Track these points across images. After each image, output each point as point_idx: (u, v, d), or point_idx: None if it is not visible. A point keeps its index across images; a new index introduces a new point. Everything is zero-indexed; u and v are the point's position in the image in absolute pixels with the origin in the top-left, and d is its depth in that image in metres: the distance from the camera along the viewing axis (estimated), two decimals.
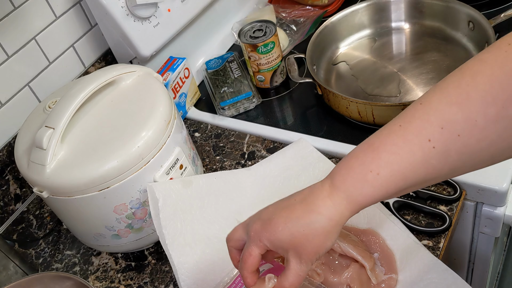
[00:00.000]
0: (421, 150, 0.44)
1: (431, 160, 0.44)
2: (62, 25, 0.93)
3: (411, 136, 0.45)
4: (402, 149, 0.45)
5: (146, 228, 0.74)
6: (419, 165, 0.45)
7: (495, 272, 1.02)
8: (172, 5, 0.95)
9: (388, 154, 0.46)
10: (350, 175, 0.48)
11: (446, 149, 0.43)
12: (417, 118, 0.45)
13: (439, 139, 0.43)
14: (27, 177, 0.70)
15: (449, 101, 0.43)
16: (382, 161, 0.46)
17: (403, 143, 0.45)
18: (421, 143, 0.44)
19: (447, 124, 0.43)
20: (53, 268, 0.82)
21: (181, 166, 0.74)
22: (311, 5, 1.14)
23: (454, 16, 0.95)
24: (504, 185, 0.73)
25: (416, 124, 0.45)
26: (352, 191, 0.47)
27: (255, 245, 0.51)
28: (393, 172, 0.46)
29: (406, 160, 0.45)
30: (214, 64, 1.06)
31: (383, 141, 0.47)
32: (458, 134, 0.43)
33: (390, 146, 0.46)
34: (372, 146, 0.47)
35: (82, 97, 0.69)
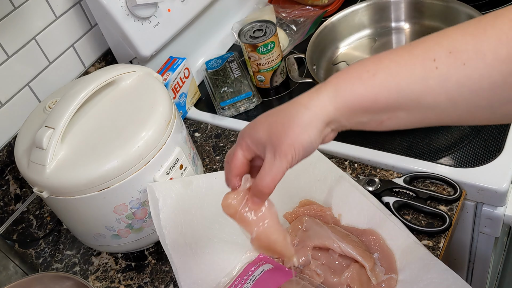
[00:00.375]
0: (423, 66, 0.43)
1: (430, 80, 0.43)
2: (62, 25, 0.93)
3: (417, 52, 0.44)
4: (404, 60, 0.44)
5: (146, 228, 0.74)
6: (417, 81, 0.44)
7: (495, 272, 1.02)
8: (172, 5, 0.95)
9: (389, 61, 0.45)
10: (346, 72, 0.47)
11: (448, 74, 0.42)
12: (428, 40, 0.44)
13: (444, 62, 0.42)
14: (27, 177, 0.70)
15: (465, 32, 0.42)
16: (382, 64, 0.45)
17: (408, 55, 0.44)
18: (425, 60, 0.43)
19: (456, 50, 0.42)
20: (53, 268, 0.82)
21: (181, 166, 0.74)
22: (311, 5, 1.14)
23: (454, 16, 0.95)
24: (504, 185, 0.73)
25: (425, 44, 0.44)
26: (342, 85, 0.46)
27: (239, 146, 0.51)
28: (388, 77, 0.45)
29: (405, 70, 0.44)
30: (214, 64, 1.06)
31: (389, 52, 0.46)
32: (463, 63, 0.42)
33: (394, 55, 0.45)
34: (378, 55, 0.46)
35: (82, 97, 0.69)
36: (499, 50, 0.40)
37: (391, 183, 0.75)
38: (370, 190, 0.75)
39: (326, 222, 0.71)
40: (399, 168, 0.79)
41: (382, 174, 0.79)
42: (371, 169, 0.80)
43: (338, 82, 0.47)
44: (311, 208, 0.72)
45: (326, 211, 0.72)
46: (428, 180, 0.76)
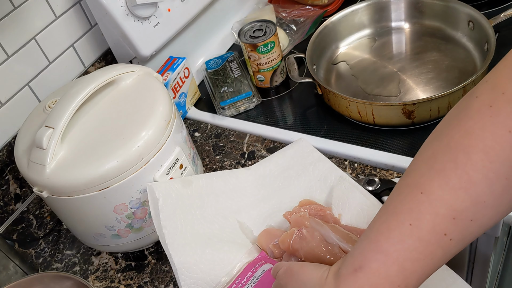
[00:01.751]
0: (440, 247, 0.42)
1: (451, 250, 0.43)
2: (62, 25, 0.93)
3: (427, 236, 0.42)
4: (423, 253, 0.43)
5: (146, 228, 0.74)
6: (440, 258, 0.43)
7: (495, 272, 1.02)
8: (172, 5, 0.95)
9: (411, 263, 0.43)
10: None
11: (463, 236, 0.42)
12: (425, 213, 0.42)
13: (454, 231, 0.42)
14: (27, 177, 0.70)
15: (452, 187, 0.41)
16: (407, 271, 0.43)
17: (422, 246, 0.42)
18: (439, 241, 0.42)
19: (458, 213, 0.41)
20: (53, 268, 0.82)
21: (181, 166, 0.74)
22: (311, 4, 1.14)
23: (454, 16, 0.95)
24: None
25: (427, 221, 0.42)
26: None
27: None
28: (419, 276, 0.44)
29: (429, 261, 0.43)
30: (214, 64, 1.06)
31: (399, 247, 0.43)
32: (471, 220, 0.41)
33: (410, 253, 0.43)
34: (390, 256, 0.44)
35: (82, 97, 0.69)
36: (494, 189, 0.40)
37: (391, 183, 0.75)
38: (370, 190, 0.75)
39: (327, 221, 0.70)
40: (399, 168, 0.79)
41: (382, 174, 0.79)
42: (371, 169, 0.80)
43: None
44: (311, 208, 0.72)
45: (326, 210, 0.72)
46: None
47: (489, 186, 0.40)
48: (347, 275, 0.46)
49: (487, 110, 0.40)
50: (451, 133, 0.42)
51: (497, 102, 0.40)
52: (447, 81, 0.89)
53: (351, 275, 0.46)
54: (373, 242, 0.45)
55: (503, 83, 0.40)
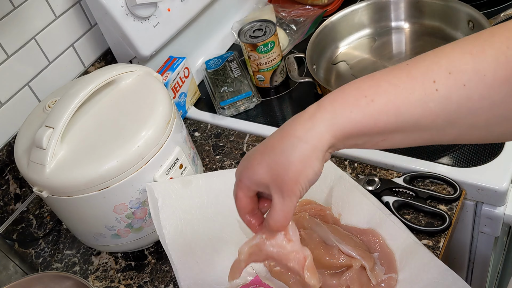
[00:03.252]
0: (423, 89, 0.42)
1: (430, 103, 0.42)
2: (62, 24, 0.93)
3: (416, 73, 0.43)
4: (403, 82, 0.43)
5: (146, 227, 0.74)
6: (417, 104, 0.42)
7: (495, 271, 1.02)
8: (172, 5, 0.95)
9: (388, 84, 0.43)
10: (341, 96, 0.44)
11: (448, 95, 0.42)
12: (426, 60, 0.43)
13: (444, 83, 0.41)
14: (27, 177, 0.70)
15: (463, 51, 0.42)
16: (380, 89, 0.43)
17: (406, 77, 0.43)
18: (425, 82, 0.42)
19: (455, 70, 0.41)
20: (53, 267, 0.82)
21: (181, 166, 0.74)
22: (311, 4, 1.14)
23: (453, 16, 0.95)
24: (504, 184, 0.73)
25: (424, 64, 0.43)
26: (339, 112, 0.44)
27: (238, 188, 0.50)
28: (388, 103, 0.43)
29: (405, 94, 0.43)
30: (214, 63, 1.06)
31: (385, 73, 0.44)
32: (463, 84, 0.41)
33: (392, 77, 0.43)
34: (373, 76, 0.44)
35: (82, 97, 0.69)
36: (498, 71, 0.40)
37: (391, 182, 0.75)
38: (370, 189, 0.75)
39: (326, 221, 0.71)
40: (399, 167, 0.79)
41: (382, 174, 0.79)
42: (371, 168, 0.80)
43: (335, 109, 0.44)
44: (311, 208, 0.72)
45: (326, 210, 0.72)
46: (428, 179, 0.76)
47: (495, 65, 0.40)
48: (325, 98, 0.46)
49: None
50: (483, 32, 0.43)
51: None
52: None
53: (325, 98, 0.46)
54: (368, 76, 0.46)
55: None
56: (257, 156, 0.47)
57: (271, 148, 0.46)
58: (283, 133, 0.46)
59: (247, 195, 0.50)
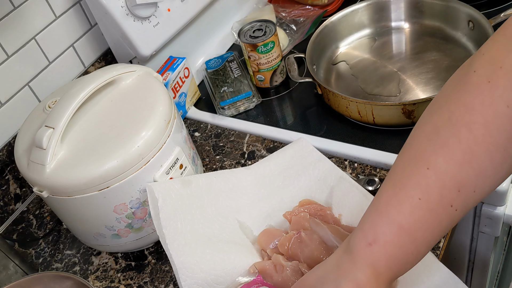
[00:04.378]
0: (447, 216, 0.45)
1: (455, 219, 0.46)
2: (62, 24, 0.93)
3: (435, 207, 0.45)
4: (432, 223, 0.46)
5: (146, 227, 0.74)
6: (447, 225, 0.46)
7: (495, 271, 1.02)
8: (172, 5, 0.95)
9: (422, 232, 0.46)
10: (394, 263, 0.48)
11: (466, 206, 0.45)
12: (433, 187, 0.45)
13: (459, 202, 0.45)
14: (27, 177, 0.70)
15: (457, 161, 0.44)
16: (418, 240, 0.46)
17: (431, 217, 0.45)
18: (446, 211, 0.45)
19: (463, 185, 0.44)
20: (53, 267, 0.82)
21: (181, 166, 0.74)
22: (311, 4, 1.14)
23: (454, 16, 0.95)
24: (504, 184, 0.73)
25: (435, 194, 0.45)
26: (397, 274, 0.49)
27: None
28: (428, 243, 0.47)
29: (437, 229, 0.46)
30: (214, 63, 1.06)
31: (410, 220, 0.46)
32: (474, 191, 0.44)
33: (420, 224, 0.46)
34: (403, 228, 0.46)
35: (82, 97, 0.69)
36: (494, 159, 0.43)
37: None
38: (370, 189, 0.75)
39: (327, 221, 0.71)
40: None
41: (382, 174, 0.79)
42: (371, 168, 0.80)
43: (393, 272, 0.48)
44: (311, 208, 0.72)
45: (326, 210, 0.72)
46: None
47: (490, 158, 0.42)
48: (361, 249, 0.48)
49: (485, 85, 0.42)
50: (451, 108, 0.45)
51: (495, 77, 0.42)
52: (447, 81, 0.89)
53: (365, 248, 0.48)
54: (384, 215, 0.47)
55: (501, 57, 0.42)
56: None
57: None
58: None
59: None
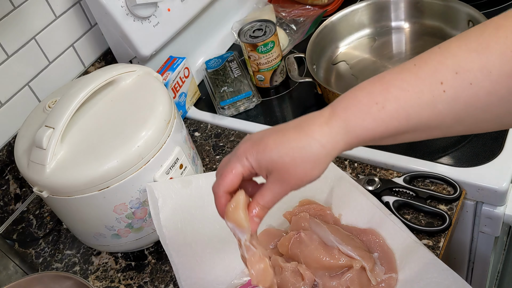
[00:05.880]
0: (431, 92, 0.43)
1: (438, 104, 0.43)
2: (62, 24, 0.93)
3: (424, 75, 0.44)
4: (412, 87, 0.44)
5: (146, 227, 0.74)
6: (425, 107, 0.44)
7: (495, 271, 1.02)
8: (172, 5, 0.95)
9: (398, 90, 0.44)
10: (353, 104, 0.46)
11: (456, 96, 0.43)
12: (433, 59, 0.44)
13: (451, 84, 0.42)
14: (27, 177, 0.70)
15: (469, 48, 0.42)
16: (390, 95, 0.44)
17: (415, 81, 0.44)
18: (432, 85, 0.43)
19: (462, 70, 0.42)
20: (53, 267, 0.82)
21: (181, 166, 0.74)
22: (311, 4, 1.14)
23: (453, 16, 0.95)
24: (504, 184, 0.73)
25: (431, 65, 0.44)
26: (353, 121, 0.46)
27: (239, 162, 0.49)
28: (398, 108, 0.44)
29: (414, 99, 0.44)
30: (214, 63, 1.06)
31: (394, 76, 0.45)
32: (470, 83, 0.42)
33: (401, 81, 0.44)
34: (382, 80, 0.46)
35: (82, 97, 0.69)
36: (504, 67, 0.40)
37: (391, 182, 0.75)
38: (370, 189, 0.75)
39: (327, 221, 0.71)
40: (399, 167, 0.79)
41: (382, 174, 0.79)
42: (371, 168, 0.80)
43: (348, 117, 0.46)
44: (311, 208, 0.72)
45: (326, 210, 0.72)
46: (428, 179, 0.76)
47: (501, 60, 0.41)
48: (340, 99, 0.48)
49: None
50: (493, 18, 0.44)
51: None
52: None
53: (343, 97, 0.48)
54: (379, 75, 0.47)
55: None
56: (270, 142, 0.48)
57: (287, 141, 0.47)
58: (300, 129, 0.47)
59: (242, 173, 0.49)
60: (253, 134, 0.51)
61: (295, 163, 0.46)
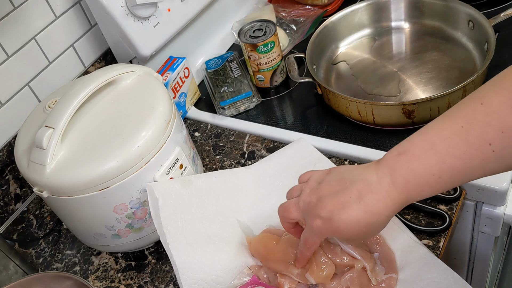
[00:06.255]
0: (482, 154, 0.45)
1: (489, 163, 0.46)
2: (62, 24, 0.93)
3: (473, 140, 0.46)
4: (465, 153, 0.46)
5: (146, 227, 0.74)
6: (478, 168, 0.46)
7: (495, 271, 1.02)
8: (172, 5, 0.95)
9: (451, 159, 0.47)
10: (412, 177, 0.49)
11: (504, 153, 0.45)
12: (478, 120, 0.45)
13: (499, 144, 0.45)
14: (27, 177, 0.70)
15: (510, 105, 0.44)
16: (445, 165, 0.47)
17: (466, 147, 0.46)
18: (482, 147, 0.45)
19: (507, 129, 0.44)
20: (53, 267, 0.82)
21: (181, 166, 0.74)
22: (311, 4, 1.14)
23: (454, 16, 0.95)
24: (504, 184, 0.73)
25: (478, 127, 0.45)
26: (413, 193, 0.50)
27: (318, 238, 0.57)
28: (453, 175, 0.48)
29: (467, 163, 0.46)
30: (214, 63, 1.06)
31: (445, 142, 0.47)
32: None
33: (453, 149, 0.47)
34: (434, 147, 0.48)
35: (82, 97, 0.69)
36: None
37: None
38: None
39: None
40: None
41: None
42: None
43: (409, 190, 0.50)
44: None
45: None
46: None
47: None
48: (390, 158, 0.51)
49: None
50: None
51: None
52: (447, 80, 0.89)
53: (394, 157, 0.51)
54: (423, 134, 0.49)
55: None
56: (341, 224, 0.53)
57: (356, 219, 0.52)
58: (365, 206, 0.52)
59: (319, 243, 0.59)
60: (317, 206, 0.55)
61: (366, 235, 0.54)
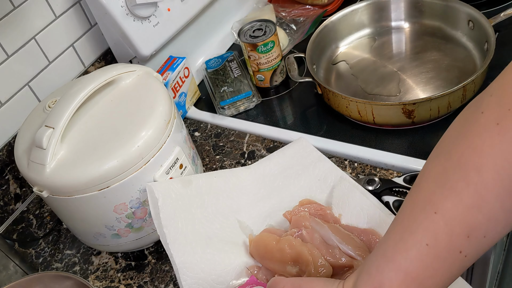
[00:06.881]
0: (456, 263, 0.44)
1: (465, 266, 0.44)
2: (62, 24, 0.93)
3: (444, 254, 0.43)
4: (440, 271, 0.44)
5: (146, 227, 0.74)
6: (457, 274, 0.45)
7: (495, 271, 1.02)
8: (171, 5, 0.95)
9: (430, 279, 0.44)
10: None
11: (477, 252, 0.43)
12: (441, 233, 0.43)
13: (468, 247, 0.43)
14: (27, 177, 0.70)
15: (466, 205, 0.42)
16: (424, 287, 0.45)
17: (439, 264, 0.44)
18: (454, 258, 0.43)
19: (472, 231, 0.42)
20: (53, 267, 0.82)
21: (181, 166, 0.74)
22: (311, 4, 1.14)
23: (453, 15, 0.95)
24: None
25: (443, 240, 0.43)
26: None
27: None
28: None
29: (445, 276, 0.44)
30: (214, 63, 1.06)
31: (416, 266, 0.44)
32: (484, 236, 0.42)
33: (428, 271, 0.44)
34: (409, 275, 0.44)
35: (82, 97, 0.69)
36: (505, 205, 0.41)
37: (391, 182, 0.75)
38: (370, 189, 0.75)
39: (327, 221, 0.71)
40: (399, 167, 0.79)
41: (382, 174, 0.79)
42: (371, 168, 0.80)
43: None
44: (311, 207, 0.72)
45: (326, 210, 0.72)
46: None
47: (501, 203, 0.41)
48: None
49: (494, 127, 0.41)
50: (460, 150, 0.43)
51: (504, 119, 0.40)
52: (447, 80, 0.89)
53: None
54: (391, 261, 0.46)
55: (509, 99, 0.41)
56: None
57: None
58: None
59: None
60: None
61: None
